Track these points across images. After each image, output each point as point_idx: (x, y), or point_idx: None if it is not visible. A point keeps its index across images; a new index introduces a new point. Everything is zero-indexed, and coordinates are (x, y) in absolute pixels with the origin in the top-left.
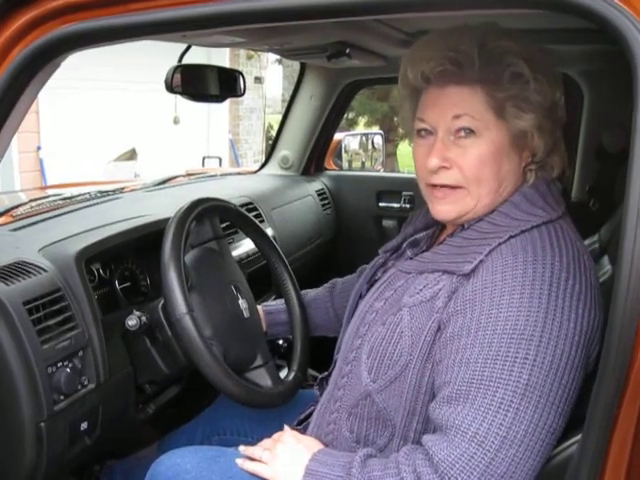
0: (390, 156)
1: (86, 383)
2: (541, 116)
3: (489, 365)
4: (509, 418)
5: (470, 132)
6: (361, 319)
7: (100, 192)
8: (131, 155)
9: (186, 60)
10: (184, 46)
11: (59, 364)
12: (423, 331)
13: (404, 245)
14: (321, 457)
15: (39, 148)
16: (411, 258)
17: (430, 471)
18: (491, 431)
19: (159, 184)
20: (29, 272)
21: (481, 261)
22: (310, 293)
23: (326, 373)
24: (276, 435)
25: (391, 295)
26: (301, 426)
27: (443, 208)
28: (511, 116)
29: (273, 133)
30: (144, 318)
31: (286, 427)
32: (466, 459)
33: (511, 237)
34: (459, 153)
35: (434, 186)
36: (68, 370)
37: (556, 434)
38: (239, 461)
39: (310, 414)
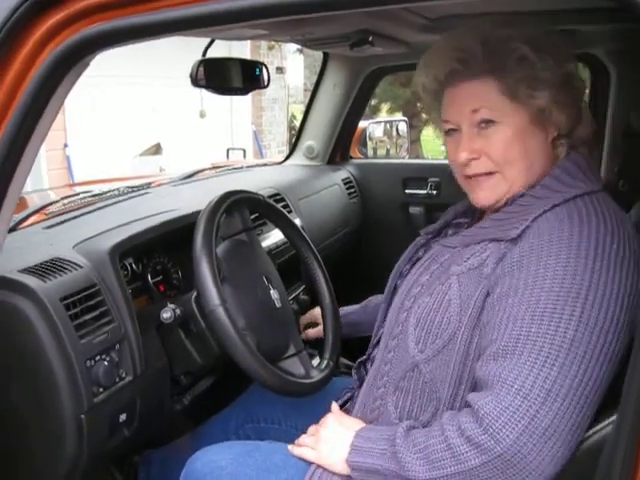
0: (414, 142)
1: (124, 375)
2: (555, 91)
3: (536, 322)
4: (554, 372)
5: (490, 122)
6: (406, 293)
7: (129, 188)
8: (156, 150)
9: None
10: (207, 40)
11: (97, 357)
12: (472, 298)
13: (447, 228)
14: (365, 433)
15: (66, 146)
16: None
17: (474, 425)
18: (536, 384)
19: (186, 178)
20: (65, 268)
21: (527, 226)
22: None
23: (364, 357)
24: (321, 420)
25: (437, 268)
26: None
27: (482, 194)
28: (525, 97)
29: (296, 123)
30: (178, 311)
31: (334, 405)
32: (511, 412)
33: (555, 206)
34: (485, 142)
35: (469, 177)
36: (106, 363)
37: (599, 393)
38: (290, 447)
39: (347, 400)
